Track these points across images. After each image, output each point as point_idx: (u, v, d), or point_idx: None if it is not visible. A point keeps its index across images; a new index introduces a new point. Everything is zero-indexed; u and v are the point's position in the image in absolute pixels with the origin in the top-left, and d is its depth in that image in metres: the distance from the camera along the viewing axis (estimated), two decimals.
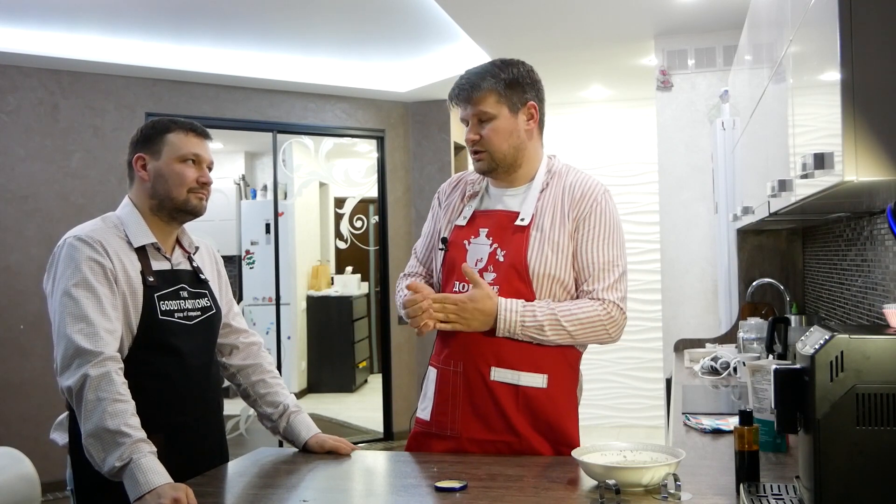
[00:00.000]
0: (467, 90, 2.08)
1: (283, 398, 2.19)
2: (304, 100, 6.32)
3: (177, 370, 1.96)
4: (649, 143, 6.12)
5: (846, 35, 1.34)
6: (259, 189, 8.60)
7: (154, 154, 2.03)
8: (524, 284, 2.02)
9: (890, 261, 2.35)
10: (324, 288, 8.70)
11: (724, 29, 4.70)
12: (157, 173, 2.02)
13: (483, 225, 2.11)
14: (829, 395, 1.33)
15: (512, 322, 1.98)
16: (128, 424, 1.76)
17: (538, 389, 2.03)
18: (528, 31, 4.80)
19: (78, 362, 1.79)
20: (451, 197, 2.26)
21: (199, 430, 2.02)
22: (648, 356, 6.36)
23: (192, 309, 2.03)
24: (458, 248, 2.12)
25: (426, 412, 2.14)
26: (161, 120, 2.08)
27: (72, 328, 1.81)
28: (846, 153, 1.34)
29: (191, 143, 2.04)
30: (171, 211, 2.04)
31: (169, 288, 1.99)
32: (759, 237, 4.11)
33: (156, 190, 2.02)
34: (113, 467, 1.73)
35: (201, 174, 2.06)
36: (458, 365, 2.06)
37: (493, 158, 2.08)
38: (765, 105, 2.59)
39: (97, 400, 1.76)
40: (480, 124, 2.08)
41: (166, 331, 1.95)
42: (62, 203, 5.24)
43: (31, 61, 5.17)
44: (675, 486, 1.65)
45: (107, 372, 1.78)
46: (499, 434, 2.03)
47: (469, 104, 2.08)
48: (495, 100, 2.06)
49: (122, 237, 1.97)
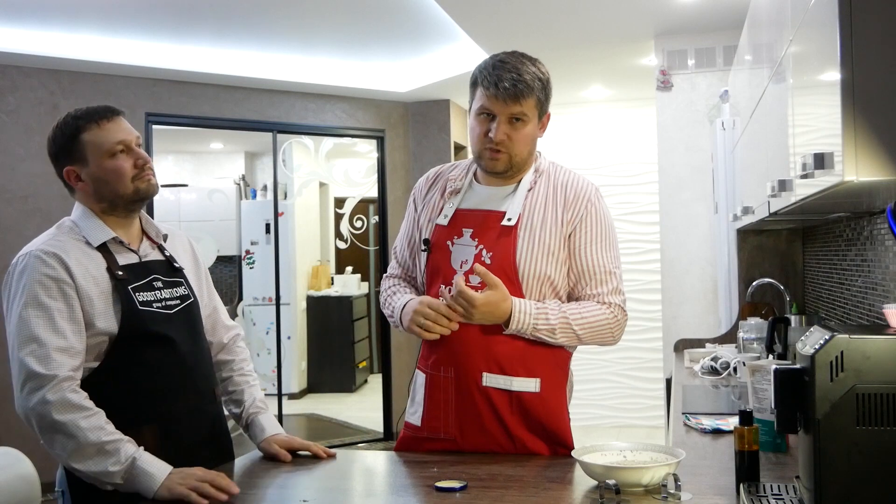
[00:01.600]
0: (521, 90, 1.95)
1: (247, 397, 2.12)
2: (304, 100, 6.32)
3: (166, 358, 1.91)
4: (649, 143, 6.11)
5: (846, 35, 1.34)
6: (259, 189, 8.60)
7: (80, 161, 1.91)
8: (513, 286, 1.98)
9: (890, 261, 2.35)
10: (324, 288, 8.70)
11: (724, 29, 4.70)
12: (94, 178, 1.92)
13: (466, 225, 2.05)
14: (829, 395, 1.33)
15: (525, 324, 1.95)
16: (108, 432, 1.76)
17: (531, 394, 2.01)
18: (529, 30, 4.80)
19: (31, 386, 1.74)
20: (429, 194, 2.18)
21: (193, 420, 1.96)
22: (648, 356, 6.35)
23: (169, 298, 1.96)
24: (442, 249, 2.06)
25: (416, 417, 2.10)
26: (66, 122, 1.93)
27: (23, 350, 1.76)
28: (846, 153, 1.34)
29: (109, 133, 1.91)
30: (125, 206, 1.95)
31: (140, 280, 1.92)
32: (759, 237, 4.11)
33: (101, 194, 1.93)
34: (114, 472, 1.74)
35: (136, 157, 1.93)
36: (449, 370, 2.03)
37: (511, 160, 2.01)
38: (765, 105, 2.58)
39: (68, 421, 1.73)
40: (512, 124, 1.98)
41: (149, 320, 1.89)
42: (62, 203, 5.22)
43: (31, 61, 5.17)
44: (676, 486, 1.65)
45: (63, 394, 1.74)
46: (494, 438, 2.02)
47: (516, 102, 1.95)
48: (534, 104, 1.99)
49: (79, 240, 1.90)
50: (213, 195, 7.47)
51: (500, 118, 1.97)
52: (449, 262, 2.04)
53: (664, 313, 4.94)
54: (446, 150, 6.72)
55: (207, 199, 7.55)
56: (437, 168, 2.25)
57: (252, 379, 2.16)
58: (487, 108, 1.98)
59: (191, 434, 1.95)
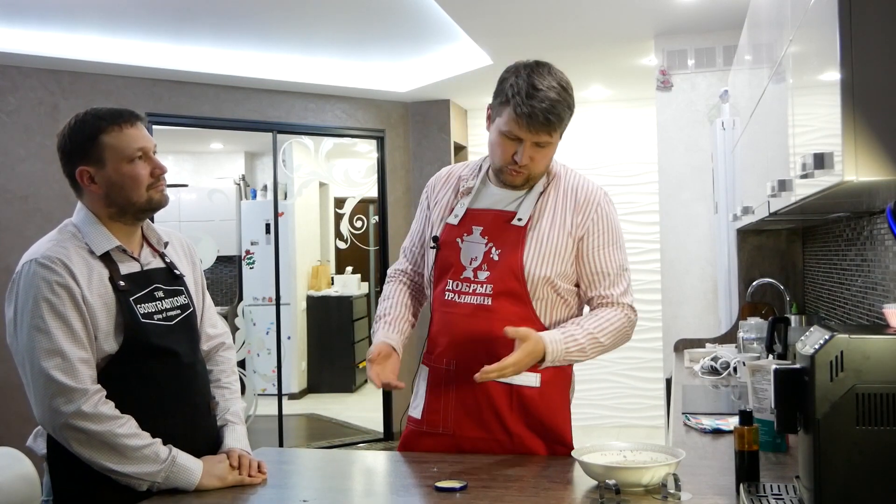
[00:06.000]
0: (553, 123, 1.96)
1: (220, 411, 2.04)
2: (304, 100, 6.32)
3: (167, 372, 1.88)
4: (649, 143, 6.11)
5: (846, 35, 1.34)
6: (259, 189, 8.60)
7: (97, 163, 1.86)
8: (519, 284, 2.02)
9: (890, 261, 2.35)
10: (324, 288, 8.70)
11: (724, 29, 4.70)
12: (108, 182, 1.86)
13: (477, 223, 2.09)
14: (829, 394, 1.33)
15: (558, 353, 1.97)
16: (143, 436, 1.79)
17: (531, 388, 2.03)
18: (529, 31, 4.80)
19: (61, 401, 1.73)
20: (441, 193, 2.21)
21: (188, 434, 1.91)
22: (648, 356, 6.35)
23: (170, 308, 1.93)
24: (452, 246, 2.09)
25: (417, 410, 2.14)
26: (85, 120, 1.89)
27: (47, 364, 1.73)
28: (846, 153, 1.34)
29: (130, 138, 1.86)
30: (134, 213, 1.90)
31: (142, 290, 1.88)
32: (758, 237, 4.11)
33: (112, 199, 1.87)
34: (156, 472, 1.78)
35: (154, 166, 1.89)
36: (451, 363, 2.06)
37: (530, 176, 2.05)
38: (765, 105, 2.59)
39: (106, 431, 1.74)
40: (536, 147, 1.99)
41: (151, 333, 1.85)
42: (62, 203, 5.23)
43: (31, 61, 5.17)
44: (675, 486, 1.65)
45: (97, 406, 1.74)
46: (492, 433, 2.03)
47: (545, 133, 1.97)
48: (561, 131, 2.03)
49: (82, 246, 1.85)
50: (213, 195, 7.47)
51: (527, 143, 1.98)
52: (458, 259, 2.07)
53: (664, 313, 4.94)
54: (446, 151, 6.72)
55: (207, 199, 7.55)
56: (449, 167, 2.28)
57: (229, 392, 2.09)
58: (516, 134, 1.98)
59: (186, 450, 1.87)
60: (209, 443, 1.98)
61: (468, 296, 2.05)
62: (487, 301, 2.03)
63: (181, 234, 2.14)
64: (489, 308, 2.03)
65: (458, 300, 2.06)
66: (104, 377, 1.81)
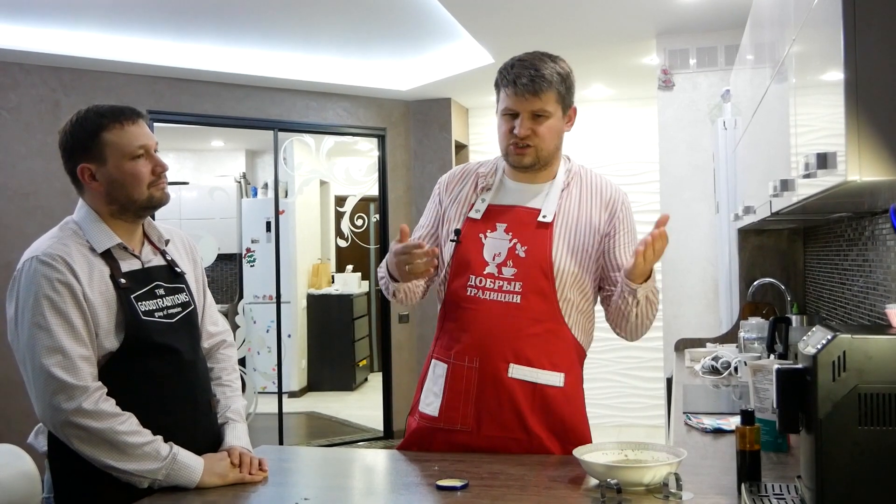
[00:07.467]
0: (538, 84, 2.00)
1: (221, 409, 2.04)
2: (306, 98, 6.31)
3: (168, 370, 1.88)
4: (650, 143, 6.11)
5: (849, 34, 1.34)
6: (260, 187, 8.60)
7: (98, 160, 1.86)
8: (547, 281, 2.03)
9: (892, 261, 2.35)
10: (324, 286, 8.70)
11: (726, 28, 4.70)
12: (110, 179, 1.86)
13: (500, 220, 2.09)
14: (831, 394, 1.33)
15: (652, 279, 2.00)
16: (144, 433, 1.79)
17: (555, 388, 2.03)
18: (530, 29, 4.79)
19: (62, 398, 1.73)
20: (458, 188, 2.20)
21: (189, 432, 1.90)
22: (649, 356, 6.35)
23: (171, 306, 1.93)
24: (474, 241, 2.09)
25: (432, 407, 2.09)
26: (86, 117, 1.89)
27: (48, 361, 1.74)
28: (849, 153, 1.34)
29: (132, 136, 1.87)
30: (135, 211, 1.91)
31: (143, 288, 1.88)
32: (760, 237, 4.11)
33: (113, 196, 1.88)
34: (157, 470, 1.77)
35: (155, 164, 1.90)
36: (474, 360, 2.04)
37: (538, 155, 2.06)
38: (767, 104, 2.58)
39: (107, 428, 1.75)
40: (535, 119, 2.03)
41: (152, 331, 1.85)
42: (63, 200, 5.22)
43: (33, 58, 5.16)
44: (677, 486, 1.65)
45: (98, 404, 1.75)
46: (510, 431, 2.02)
47: (536, 98, 2.01)
48: (555, 99, 2.05)
49: (83, 244, 1.85)
50: (214, 193, 7.47)
51: (523, 115, 2.03)
52: (481, 255, 2.07)
53: (665, 313, 4.94)
54: (447, 149, 6.72)
55: (208, 196, 7.55)
56: (464, 165, 2.28)
57: (230, 390, 2.09)
58: (510, 108, 2.04)
59: (187, 447, 1.87)
60: (210, 440, 1.97)
61: (494, 292, 2.04)
62: (516, 299, 2.03)
63: (182, 232, 2.14)
64: (518, 306, 2.03)
65: (482, 297, 2.05)
66: (105, 374, 1.80)
